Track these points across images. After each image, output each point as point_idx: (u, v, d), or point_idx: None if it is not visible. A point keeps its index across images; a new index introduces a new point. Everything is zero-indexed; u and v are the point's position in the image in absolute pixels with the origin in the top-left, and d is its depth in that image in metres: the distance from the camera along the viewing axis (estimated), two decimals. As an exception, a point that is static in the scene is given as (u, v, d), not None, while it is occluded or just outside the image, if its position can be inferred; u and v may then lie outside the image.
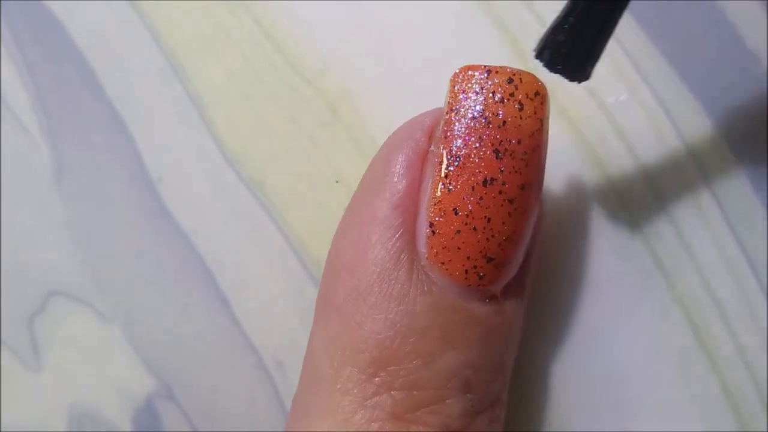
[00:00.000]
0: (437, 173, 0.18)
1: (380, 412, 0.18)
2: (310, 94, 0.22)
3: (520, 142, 0.17)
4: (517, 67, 0.18)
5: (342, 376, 0.18)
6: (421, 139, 0.18)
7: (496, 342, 0.18)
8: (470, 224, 0.17)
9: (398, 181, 0.18)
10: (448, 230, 0.18)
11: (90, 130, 0.23)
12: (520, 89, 0.17)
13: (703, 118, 0.20)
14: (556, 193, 0.21)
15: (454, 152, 0.17)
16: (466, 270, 0.18)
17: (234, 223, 0.23)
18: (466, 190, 0.17)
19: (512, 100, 0.17)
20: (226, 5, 0.23)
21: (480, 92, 0.18)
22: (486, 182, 0.17)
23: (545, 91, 0.18)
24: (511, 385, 0.21)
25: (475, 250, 0.17)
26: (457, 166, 0.17)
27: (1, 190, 0.24)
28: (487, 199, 0.17)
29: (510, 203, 0.17)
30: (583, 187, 0.21)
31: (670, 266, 0.21)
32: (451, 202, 0.17)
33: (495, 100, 0.17)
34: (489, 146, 0.17)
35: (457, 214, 0.17)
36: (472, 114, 0.17)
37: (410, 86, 0.22)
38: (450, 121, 0.18)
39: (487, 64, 0.18)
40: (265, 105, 0.22)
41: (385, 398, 0.18)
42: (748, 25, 0.20)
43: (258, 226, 0.23)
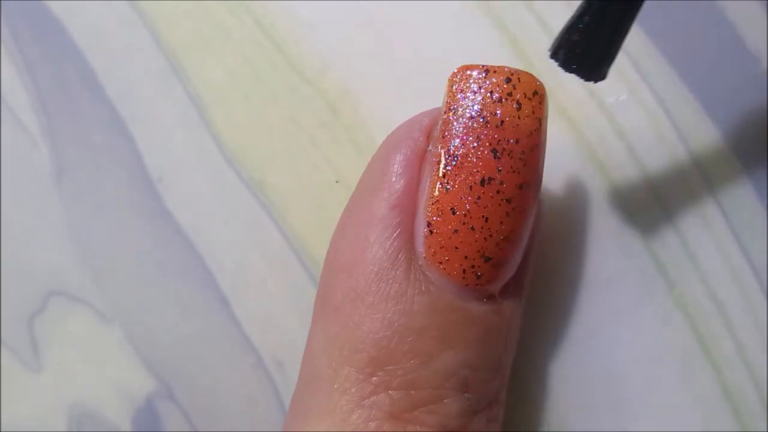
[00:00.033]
0: (435, 173, 0.18)
1: (377, 411, 0.18)
2: (310, 94, 0.22)
3: (518, 141, 0.17)
4: (517, 67, 0.18)
5: (340, 376, 0.18)
6: (420, 139, 0.18)
7: (494, 342, 0.18)
8: (468, 224, 0.17)
9: (396, 181, 0.18)
10: (446, 230, 0.18)
11: (90, 130, 0.23)
12: (519, 89, 0.17)
13: (703, 118, 0.20)
14: (556, 193, 0.21)
15: (452, 152, 0.17)
16: (463, 269, 0.18)
17: (234, 223, 0.23)
18: (464, 189, 0.17)
19: (510, 100, 0.17)
20: (226, 5, 0.23)
21: (478, 92, 0.17)
22: (484, 182, 0.17)
23: (544, 91, 0.18)
24: (511, 386, 0.21)
25: (473, 250, 0.17)
26: (455, 165, 0.17)
27: (1, 190, 0.24)
28: (485, 199, 0.17)
29: (508, 203, 0.17)
30: (583, 187, 0.21)
31: (671, 267, 0.21)
32: (449, 201, 0.17)
33: (493, 99, 0.17)
34: (487, 146, 0.17)
35: (455, 214, 0.17)
36: (470, 113, 0.17)
37: (410, 86, 0.22)
38: (448, 120, 0.18)
39: (485, 64, 0.18)
40: (265, 105, 0.22)
41: (382, 398, 0.18)
42: (748, 25, 0.20)
43: (258, 226, 0.23)
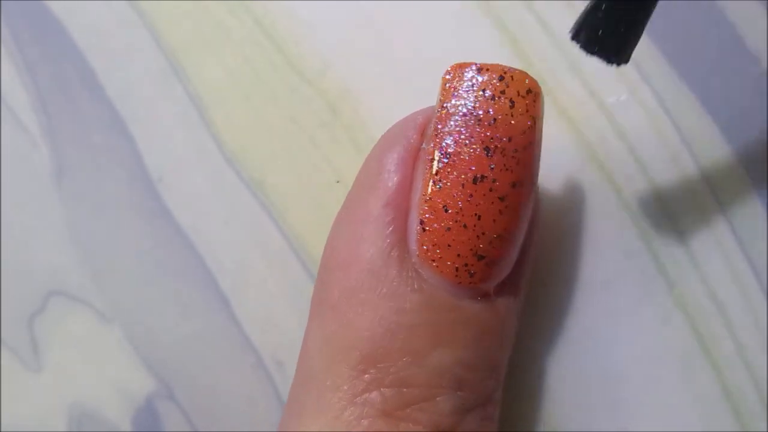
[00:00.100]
0: (428, 170, 0.18)
1: (370, 409, 0.18)
2: (310, 94, 0.22)
3: (511, 139, 0.17)
4: (517, 67, 0.18)
5: (333, 374, 0.18)
6: (413, 137, 0.18)
7: (488, 340, 0.18)
8: (460, 221, 0.17)
9: (390, 179, 0.18)
10: (439, 227, 0.17)
11: (90, 130, 0.23)
12: (512, 87, 0.17)
13: (704, 118, 0.20)
14: (556, 193, 0.21)
15: (445, 149, 0.17)
16: (456, 267, 0.18)
17: (234, 223, 0.23)
18: (456, 187, 0.17)
19: (503, 98, 0.17)
20: (226, 5, 0.23)
21: (471, 89, 0.17)
22: (476, 179, 0.17)
23: (538, 89, 0.17)
24: (510, 385, 0.21)
25: (466, 248, 0.17)
26: (447, 163, 0.17)
27: (1, 190, 0.24)
28: (477, 197, 0.17)
29: (501, 201, 0.17)
30: (583, 187, 0.21)
31: (671, 267, 0.21)
32: (442, 199, 0.17)
33: (486, 97, 0.17)
34: (479, 143, 0.17)
35: (447, 212, 0.17)
36: (462, 111, 0.17)
37: (410, 86, 0.22)
38: (441, 118, 0.18)
39: (478, 62, 0.18)
40: (265, 105, 0.22)
41: (375, 395, 0.18)
42: (748, 25, 0.20)
43: (258, 226, 0.23)
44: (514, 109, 0.17)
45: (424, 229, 0.18)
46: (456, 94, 0.18)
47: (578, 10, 0.17)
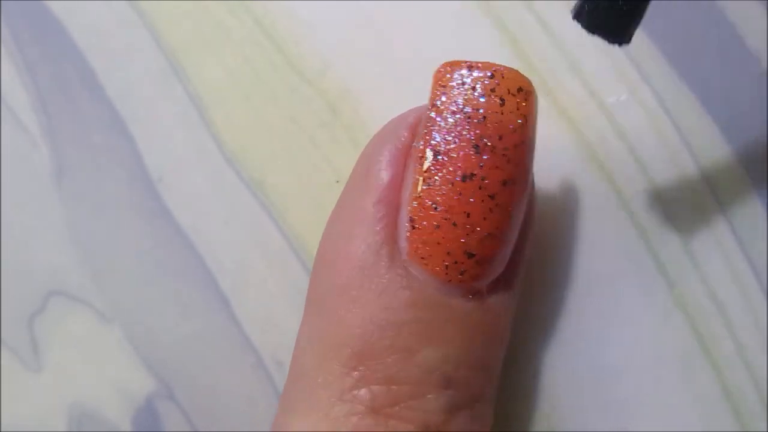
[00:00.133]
0: (418, 168, 0.18)
1: (358, 406, 0.18)
2: (310, 94, 0.22)
3: (501, 137, 0.17)
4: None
5: (323, 371, 0.18)
6: (404, 135, 0.18)
7: (479, 339, 0.18)
8: (450, 219, 0.17)
9: (381, 177, 0.18)
10: (428, 225, 0.17)
11: (90, 130, 0.23)
12: (502, 85, 0.17)
13: (704, 118, 0.20)
14: (556, 193, 0.21)
15: (434, 147, 0.17)
16: (446, 265, 0.18)
17: (234, 223, 0.23)
18: (446, 185, 0.17)
19: (493, 96, 0.17)
20: (226, 5, 0.23)
21: (461, 87, 0.17)
22: (465, 177, 0.17)
23: (530, 88, 0.17)
24: (510, 385, 0.21)
25: (455, 246, 0.17)
26: (437, 161, 0.17)
27: (1, 190, 0.24)
28: (467, 195, 0.17)
29: (491, 199, 0.17)
30: (583, 188, 0.21)
31: (671, 267, 0.21)
32: (431, 197, 0.17)
33: (475, 95, 0.17)
34: (468, 141, 0.17)
35: (437, 210, 0.17)
36: (452, 109, 0.17)
37: (410, 86, 0.22)
38: (431, 116, 0.18)
39: (470, 60, 0.18)
40: (265, 105, 0.22)
41: (363, 392, 0.18)
42: (748, 25, 0.20)
43: (258, 226, 0.23)
44: (505, 107, 0.17)
45: (414, 227, 0.18)
46: (446, 91, 0.18)
47: (578, 10, 0.17)
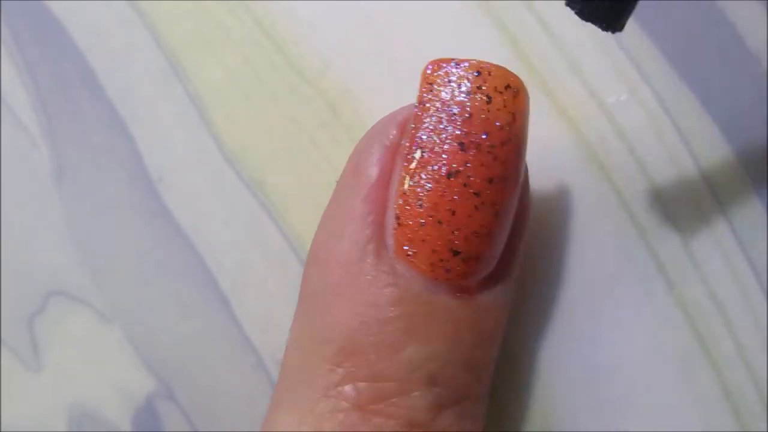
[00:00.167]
0: (404, 165, 0.18)
1: (343, 402, 0.18)
2: (310, 94, 0.22)
3: (487, 135, 0.17)
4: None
5: (309, 367, 0.18)
6: (393, 133, 0.18)
7: (467, 336, 0.18)
8: (435, 217, 0.17)
9: (369, 175, 0.18)
10: (414, 223, 0.17)
11: (90, 130, 0.23)
12: (489, 82, 0.17)
13: (704, 118, 0.20)
14: (556, 193, 0.21)
15: (420, 144, 0.17)
16: (431, 263, 0.18)
17: (234, 223, 0.23)
18: (431, 182, 0.17)
19: (480, 93, 0.17)
20: (226, 5, 0.23)
21: (447, 85, 0.17)
22: (450, 174, 0.17)
23: (519, 86, 0.17)
24: (509, 385, 0.21)
25: (440, 243, 0.17)
26: (423, 158, 0.17)
27: (1, 190, 0.24)
28: (451, 192, 0.17)
29: (476, 196, 0.17)
30: (583, 187, 0.21)
31: (671, 267, 0.21)
32: (416, 194, 0.17)
33: (461, 92, 0.17)
34: (454, 139, 0.17)
35: (422, 207, 0.17)
36: (438, 106, 0.17)
37: (410, 86, 0.22)
38: (418, 113, 0.18)
39: (457, 58, 0.18)
40: (265, 105, 0.22)
41: (348, 389, 0.18)
42: (748, 25, 0.20)
43: (258, 226, 0.23)
44: (491, 105, 0.17)
45: (399, 224, 0.18)
46: (432, 89, 0.18)
47: (578, 10, 0.17)
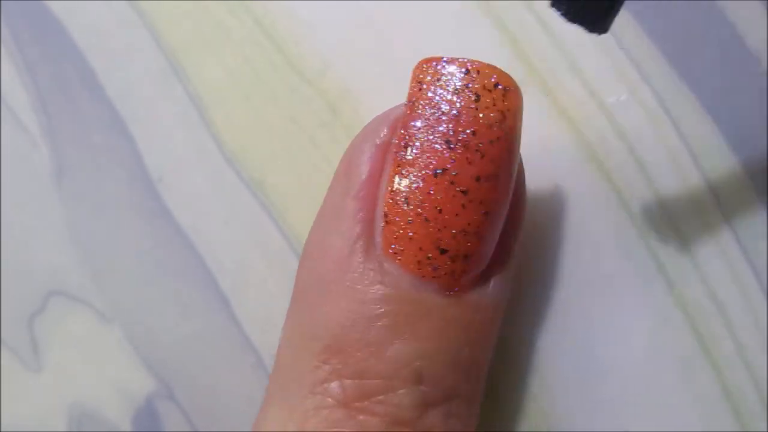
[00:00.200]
0: (393, 164, 0.18)
1: (329, 399, 0.18)
2: (310, 94, 0.22)
3: (475, 133, 0.17)
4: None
5: (297, 364, 0.19)
6: (384, 131, 0.18)
7: (454, 335, 0.18)
8: (422, 214, 0.17)
9: (360, 173, 0.18)
10: (401, 220, 0.18)
11: (90, 130, 0.23)
12: (477, 80, 0.17)
13: (704, 118, 0.20)
14: (555, 193, 0.21)
15: (408, 143, 0.18)
16: (418, 261, 0.18)
17: (234, 223, 0.23)
18: (418, 180, 0.17)
19: (467, 91, 0.17)
20: (226, 5, 0.23)
21: (436, 83, 0.17)
22: (437, 173, 0.17)
23: (510, 84, 0.17)
24: (509, 385, 0.21)
25: (427, 241, 0.17)
26: (410, 156, 0.17)
27: (1, 190, 0.24)
28: (438, 190, 0.17)
29: (463, 194, 0.17)
30: (583, 188, 0.21)
31: (671, 267, 0.21)
32: (404, 192, 0.17)
33: (449, 90, 0.17)
34: (441, 136, 0.17)
35: (409, 204, 0.17)
36: (425, 104, 0.17)
37: (410, 86, 0.22)
38: (407, 112, 0.18)
39: (448, 56, 0.18)
40: (265, 105, 0.22)
41: (334, 386, 0.18)
42: (748, 25, 0.20)
43: (258, 226, 0.23)
44: (479, 103, 0.17)
45: (387, 222, 0.18)
46: (421, 87, 0.18)
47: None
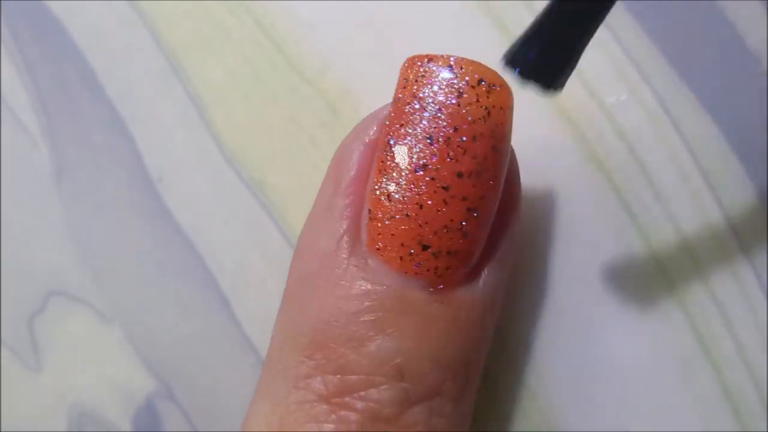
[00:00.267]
0: (378, 161, 0.18)
1: (311, 394, 0.18)
2: (310, 94, 0.22)
3: (456, 129, 0.17)
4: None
5: (283, 359, 0.19)
6: (373, 129, 0.19)
7: (438, 332, 0.18)
8: (404, 210, 0.17)
9: (348, 170, 0.19)
10: (383, 217, 0.18)
11: (90, 130, 0.23)
12: (461, 77, 0.17)
13: (704, 118, 0.20)
14: (555, 193, 0.21)
15: (391, 139, 0.18)
16: (400, 257, 0.18)
17: (234, 223, 0.23)
18: (400, 176, 0.17)
19: (450, 88, 0.17)
20: (226, 5, 0.23)
21: (420, 80, 0.18)
22: (418, 169, 0.17)
23: (495, 80, 0.17)
24: (509, 385, 0.21)
25: (409, 237, 0.17)
26: (394, 153, 0.18)
27: (1, 190, 0.24)
28: (419, 186, 0.17)
29: (445, 190, 0.17)
30: (583, 188, 0.21)
31: (671, 267, 0.21)
32: (387, 188, 0.18)
33: (433, 87, 0.17)
34: (423, 132, 0.17)
35: (391, 201, 0.18)
36: (409, 101, 0.18)
37: (410, 86, 0.22)
38: (392, 109, 0.18)
39: (432, 54, 0.18)
40: (265, 105, 0.22)
41: (317, 381, 0.18)
42: (748, 25, 0.20)
43: (258, 226, 0.23)
44: (462, 99, 0.17)
45: (371, 218, 0.18)
46: (407, 84, 0.18)
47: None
